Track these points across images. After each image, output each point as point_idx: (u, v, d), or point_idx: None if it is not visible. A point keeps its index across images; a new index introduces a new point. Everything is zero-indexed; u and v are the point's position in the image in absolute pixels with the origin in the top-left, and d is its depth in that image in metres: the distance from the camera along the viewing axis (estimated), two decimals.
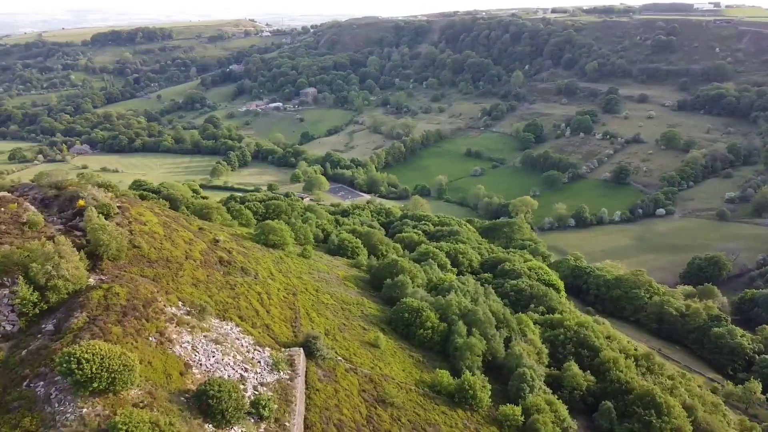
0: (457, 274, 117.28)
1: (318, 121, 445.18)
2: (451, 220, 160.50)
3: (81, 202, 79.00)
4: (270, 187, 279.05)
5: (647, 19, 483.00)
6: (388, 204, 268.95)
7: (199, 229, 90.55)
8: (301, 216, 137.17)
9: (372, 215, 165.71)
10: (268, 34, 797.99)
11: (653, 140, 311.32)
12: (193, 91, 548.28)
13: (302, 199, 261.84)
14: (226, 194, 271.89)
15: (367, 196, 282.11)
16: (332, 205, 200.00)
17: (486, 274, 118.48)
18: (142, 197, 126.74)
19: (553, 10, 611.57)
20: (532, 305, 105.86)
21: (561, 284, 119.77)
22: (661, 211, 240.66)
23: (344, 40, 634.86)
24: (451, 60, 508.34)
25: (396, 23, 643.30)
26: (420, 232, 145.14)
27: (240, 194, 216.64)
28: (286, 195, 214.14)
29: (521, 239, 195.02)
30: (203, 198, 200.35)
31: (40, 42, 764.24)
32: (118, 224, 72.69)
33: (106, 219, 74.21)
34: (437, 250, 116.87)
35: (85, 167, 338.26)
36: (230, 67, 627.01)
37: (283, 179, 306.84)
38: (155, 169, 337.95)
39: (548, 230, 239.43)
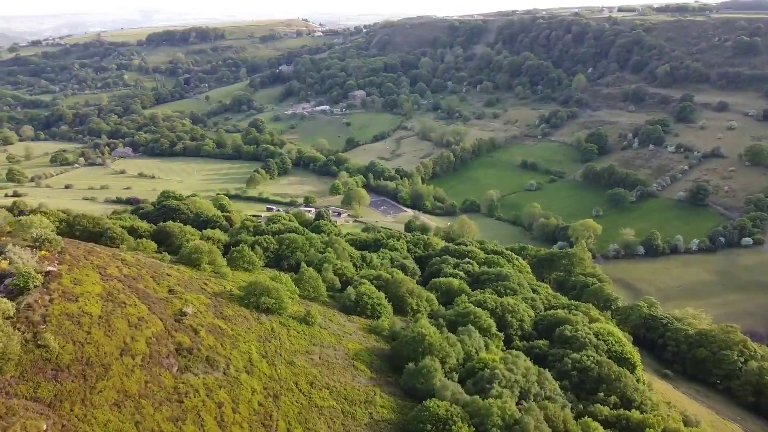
0: (504, 341, 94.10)
1: (365, 126, 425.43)
2: (500, 258, 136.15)
3: (2, 264, 60.31)
4: (307, 200, 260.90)
5: (727, 18, 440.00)
6: (433, 222, 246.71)
7: (169, 291, 70.63)
8: (320, 252, 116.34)
9: (408, 247, 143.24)
10: (320, 34, 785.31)
11: (735, 155, 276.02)
12: (241, 92, 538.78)
13: (339, 215, 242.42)
14: (260, 206, 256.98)
15: (411, 212, 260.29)
16: (364, 230, 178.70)
17: (541, 342, 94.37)
18: (133, 231, 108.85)
19: (620, 9, 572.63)
20: (601, 393, 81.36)
21: (637, 358, 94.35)
22: (747, 240, 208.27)
23: (396, 41, 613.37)
24: (508, 62, 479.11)
25: (450, 23, 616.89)
26: (462, 274, 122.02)
27: (264, 213, 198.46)
28: (318, 216, 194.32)
29: (582, 273, 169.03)
30: (226, 216, 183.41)
31: (97, 42, 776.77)
32: (28, 306, 53.12)
33: (19, 295, 55.11)
34: (480, 311, 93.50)
35: (122, 172, 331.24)
36: (280, 67, 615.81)
37: (323, 190, 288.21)
38: (193, 176, 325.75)
39: (613, 259, 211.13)
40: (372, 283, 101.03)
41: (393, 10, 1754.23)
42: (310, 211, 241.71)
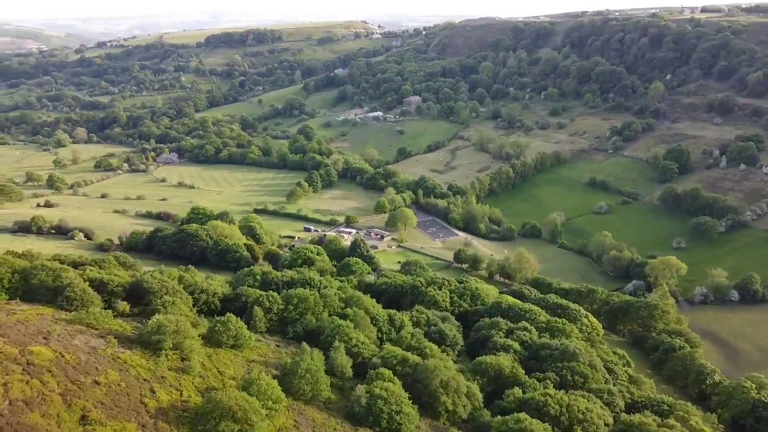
0: None
1: (419, 135, 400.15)
2: (564, 323, 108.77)
3: None
4: (348, 220, 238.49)
5: None
6: (487, 248, 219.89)
7: (81, 421, 48.56)
8: (337, 313, 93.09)
9: (451, 298, 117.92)
10: (379, 36, 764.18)
11: None
12: (293, 96, 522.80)
13: (382, 238, 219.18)
14: (297, 225, 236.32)
15: (462, 236, 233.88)
16: (404, 267, 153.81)
17: None
18: (102, 286, 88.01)
19: (704, 9, 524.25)
20: None
21: None
22: None
23: (456, 44, 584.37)
24: (576, 67, 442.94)
25: (514, 25, 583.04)
26: (516, 345, 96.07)
27: (300, 234, 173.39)
28: (354, 246, 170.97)
29: (665, 330, 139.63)
30: (248, 245, 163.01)
31: (159, 43, 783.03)
32: None
33: None
34: (537, 425, 67.76)
35: (163, 180, 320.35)
36: (335, 71, 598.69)
37: (368, 207, 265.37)
38: (234, 186, 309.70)
39: (700, 304, 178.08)
40: (396, 370, 77.12)
41: (457, 12, 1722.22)
42: (350, 233, 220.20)
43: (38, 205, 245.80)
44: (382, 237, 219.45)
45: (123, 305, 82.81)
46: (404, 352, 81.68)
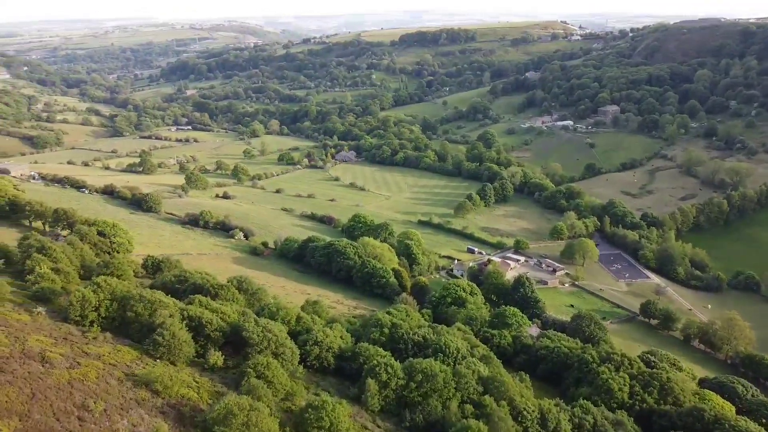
0: None
1: (612, 150, 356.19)
2: None
3: None
4: (517, 244, 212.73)
5: None
6: (685, 300, 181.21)
7: None
8: (471, 400, 72.24)
9: (631, 387, 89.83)
10: (578, 37, 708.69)
11: None
12: (478, 99, 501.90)
13: (554, 271, 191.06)
14: (460, 244, 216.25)
15: (655, 279, 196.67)
16: (574, 320, 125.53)
17: None
18: (200, 328, 76.74)
19: None
20: None
21: None
22: None
23: (668, 48, 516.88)
24: None
25: (744, 27, 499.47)
26: None
27: (460, 256, 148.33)
28: (517, 285, 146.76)
29: None
30: (396, 271, 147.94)
31: (356, 41, 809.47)
32: None
33: None
34: None
35: (336, 179, 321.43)
36: (525, 74, 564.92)
37: (542, 230, 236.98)
38: (403, 192, 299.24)
39: None
40: None
41: (675, 11, 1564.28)
42: (518, 261, 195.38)
43: (217, 196, 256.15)
44: (555, 270, 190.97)
45: (215, 357, 70.53)
46: None
